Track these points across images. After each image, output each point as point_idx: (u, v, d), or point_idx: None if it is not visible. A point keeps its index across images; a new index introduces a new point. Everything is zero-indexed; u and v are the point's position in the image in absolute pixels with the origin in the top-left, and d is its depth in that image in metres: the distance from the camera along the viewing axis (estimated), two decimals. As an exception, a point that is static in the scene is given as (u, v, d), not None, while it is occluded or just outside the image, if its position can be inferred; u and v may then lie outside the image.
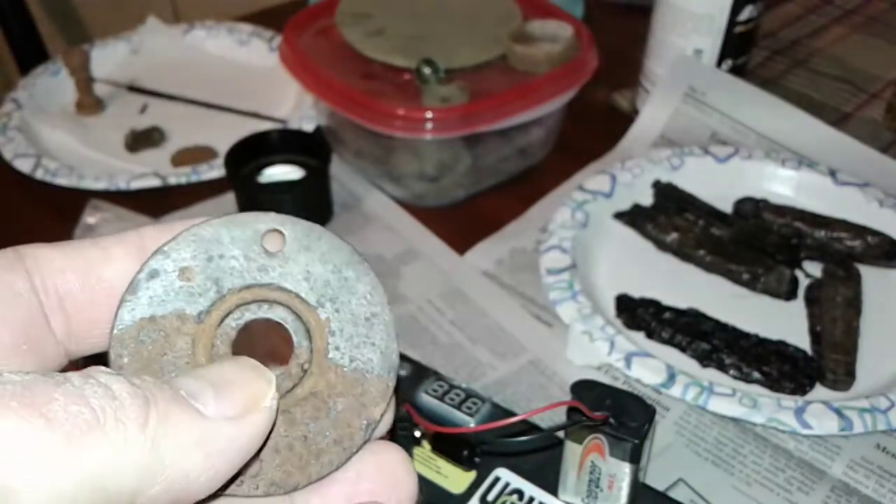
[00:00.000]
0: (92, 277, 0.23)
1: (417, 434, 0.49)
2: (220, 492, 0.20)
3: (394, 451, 0.24)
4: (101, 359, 0.22)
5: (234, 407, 0.20)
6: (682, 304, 0.62)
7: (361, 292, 0.24)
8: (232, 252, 0.23)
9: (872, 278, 0.66)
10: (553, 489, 0.48)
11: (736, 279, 0.65)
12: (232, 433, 0.19)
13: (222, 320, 0.23)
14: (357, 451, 0.23)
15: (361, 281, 0.24)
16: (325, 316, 0.24)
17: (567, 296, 0.62)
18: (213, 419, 0.19)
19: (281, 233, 0.24)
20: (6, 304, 0.21)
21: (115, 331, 0.22)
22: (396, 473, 0.24)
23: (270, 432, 0.21)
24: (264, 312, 0.23)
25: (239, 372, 0.21)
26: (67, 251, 0.23)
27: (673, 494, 0.51)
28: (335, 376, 0.24)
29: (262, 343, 0.24)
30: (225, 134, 0.75)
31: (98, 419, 0.17)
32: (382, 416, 0.24)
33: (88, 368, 0.19)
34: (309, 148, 0.72)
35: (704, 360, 0.59)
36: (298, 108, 0.82)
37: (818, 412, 0.54)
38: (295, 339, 0.24)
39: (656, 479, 0.52)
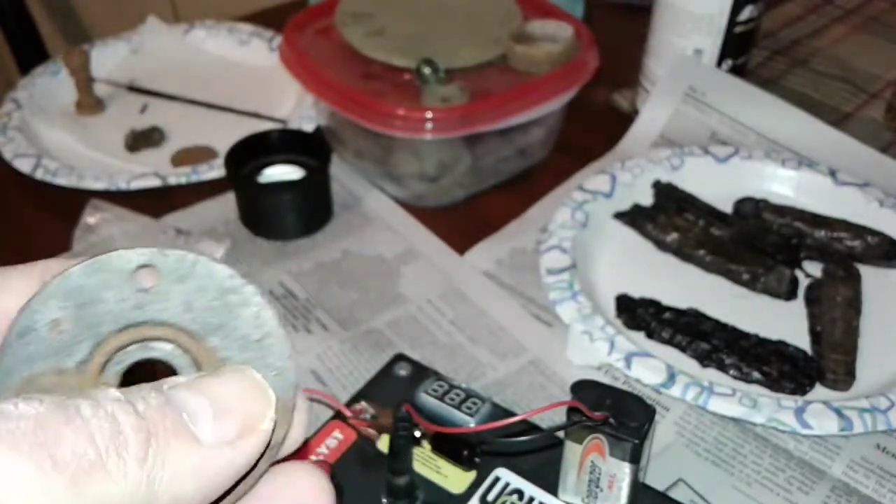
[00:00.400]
0: None
1: (417, 434, 0.49)
2: None
3: (304, 472, 0.23)
4: None
5: (232, 430, 0.20)
6: (682, 304, 0.63)
7: (248, 314, 0.23)
8: (103, 295, 0.22)
9: (872, 278, 0.66)
10: (553, 489, 0.48)
11: (736, 279, 0.65)
12: (227, 459, 0.19)
13: (103, 367, 0.22)
14: (262, 475, 0.22)
15: (247, 303, 0.23)
16: (214, 344, 0.22)
17: (567, 296, 0.62)
18: (209, 446, 0.19)
19: (153, 266, 0.22)
20: None
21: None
22: (306, 494, 0.23)
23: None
24: (145, 352, 0.22)
25: (241, 388, 0.21)
26: None
27: (673, 494, 0.51)
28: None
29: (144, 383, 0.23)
30: (225, 134, 0.75)
31: (101, 459, 0.17)
32: (285, 436, 0.23)
33: (98, 391, 0.19)
34: (309, 148, 0.72)
35: (704, 360, 0.59)
36: (298, 108, 0.82)
37: (818, 412, 0.54)
38: (183, 374, 0.22)
39: (656, 479, 0.52)
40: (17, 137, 0.77)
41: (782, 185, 0.73)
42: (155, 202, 0.72)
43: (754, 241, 0.67)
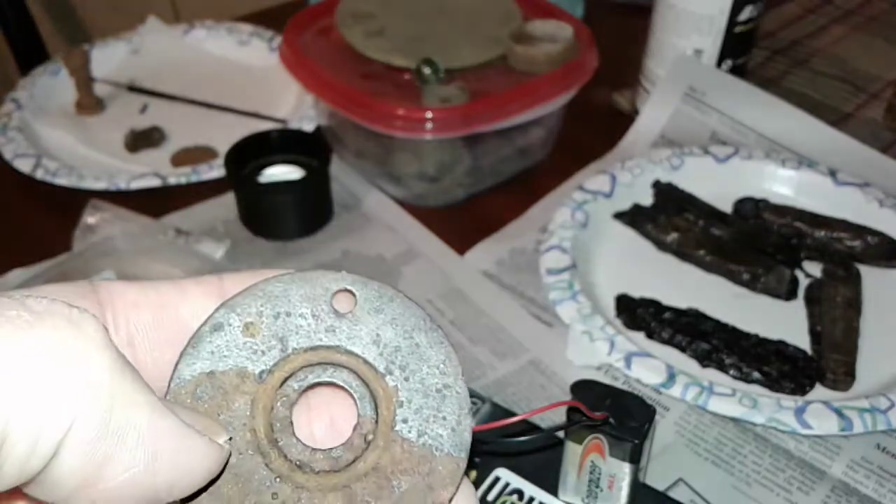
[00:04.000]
0: (166, 315, 0.22)
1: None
2: None
3: None
4: None
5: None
6: (682, 304, 0.62)
7: (434, 361, 0.22)
8: (300, 310, 0.22)
9: (872, 278, 0.66)
10: (553, 489, 0.48)
11: (736, 279, 0.65)
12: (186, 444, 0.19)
13: (284, 381, 0.22)
14: None
15: (434, 348, 0.22)
16: (394, 384, 0.22)
17: (567, 296, 0.62)
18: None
19: (352, 293, 0.22)
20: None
21: (172, 383, 0.21)
22: None
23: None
24: (329, 376, 0.22)
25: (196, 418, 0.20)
26: (143, 287, 0.22)
27: (673, 494, 0.51)
28: (401, 451, 0.22)
29: (323, 406, 0.23)
30: (225, 134, 0.75)
31: None
32: (451, 500, 0.22)
33: None
34: (309, 148, 0.72)
35: (704, 360, 0.59)
36: (298, 108, 0.82)
37: (818, 412, 0.54)
38: (360, 407, 0.22)
39: (656, 479, 0.52)
40: (17, 137, 0.77)
41: (782, 185, 0.73)
42: (155, 202, 0.72)
43: (754, 241, 0.67)
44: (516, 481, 0.49)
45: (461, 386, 0.22)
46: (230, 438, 0.21)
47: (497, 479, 0.49)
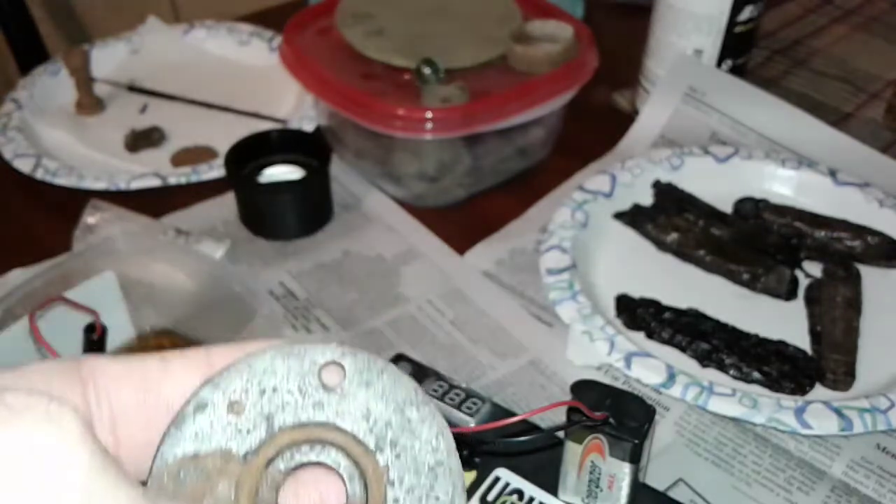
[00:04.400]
0: (150, 394, 0.21)
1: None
2: None
3: None
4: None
5: None
6: (682, 304, 0.62)
7: (426, 437, 0.21)
8: (287, 385, 0.21)
9: (872, 278, 0.66)
10: (553, 489, 0.48)
11: (736, 279, 0.65)
12: None
13: (270, 462, 0.21)
14: None
15: (426, 423, 0.21)
16: (385, 462, 0.21)
17: (567, 296, 0.62)
18: None
19: (340, 365, 0.22)
20: None
21: (154, 465, 0.20)
22: None
23: None
24: (317, 455, 0.21)
25: None
26: (127, 363, 0.21)
27: (673, 494, 0.51)
28: None
29: (310, 488, 0.22)
30: (225, 134, 0.75)
31: None
32: None
33: None
34: (309, 148, 0.72)
35: (704, 360, 0.59)
36: (298, 108, 0.82)
37: (818, 412, 0.54)
38: (349, 487, 0.21)
39: (656, 479, 0.52)
40: (17, 137, 0.77)
41: (782, 185, 0.73)
42: (155, 202, 0.72)
43: (754, 241, 0.67)
44: (516, 481, 0.49)
45: (454, 462, 0.22)
46: None
47: (497, 479, 0.49)
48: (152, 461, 0.20)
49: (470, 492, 0.48)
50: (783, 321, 0.63)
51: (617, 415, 0.44)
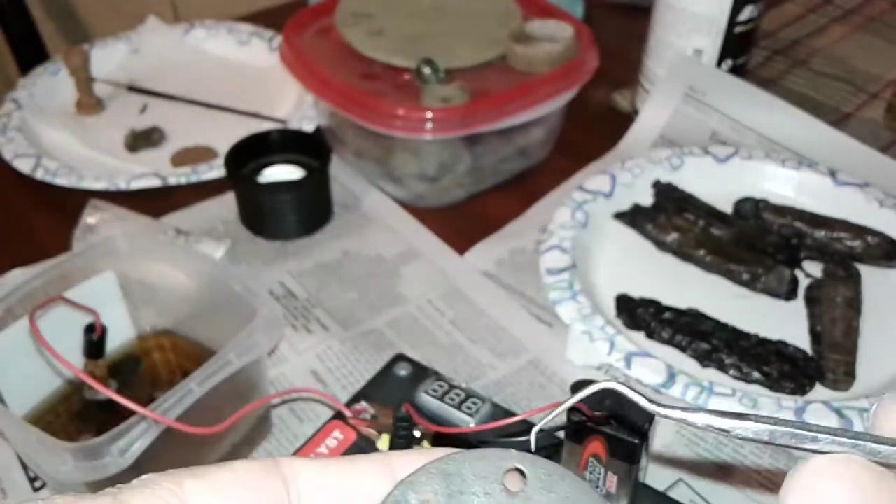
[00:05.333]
0: (347, 494, 0.23)
1: (417, 434, 0.49)
2: None
3: None
4: None
5: None
6: (682, 304, 0.62)
7: None
8: (473, 488, 0.22)
9: (872, 278, 0.66)
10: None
11: (736, 279, 0.65)
12: None
13: None
14: None
15: None
16: None
17: (567, 296, 0.62)
18: None
19: (522, 472, 0.23)
20: None
21: None
22: None
23: None
24: None
25: None
26: (322, 464, 0.23)
27: (673, 494, 0.51)
28: None
29: None
30: (225, 134, 0.75)
31: None
32: None
33: None
34: (309, 148, 0.72)
35: (704, 360, 0.59)
36: (298, 108, 0.82)
37: (818, 412, 0.54)
38: None
39: (656, 479, 0.52)
40: (17, 137, 0.77)
41: (782, 185, 0.73)
42: (155, 202, 0.72)
43: (754, 241, 0.67)
44: (516, 481, 0.49)
45: None
46: None
47: (497, 479, 0.49)
48: None
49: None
50: (783, 321, 0.63)
51: (617, 415, 0.44)
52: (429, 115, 0.67)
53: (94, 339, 0.53)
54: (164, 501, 0.20)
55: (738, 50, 0.80)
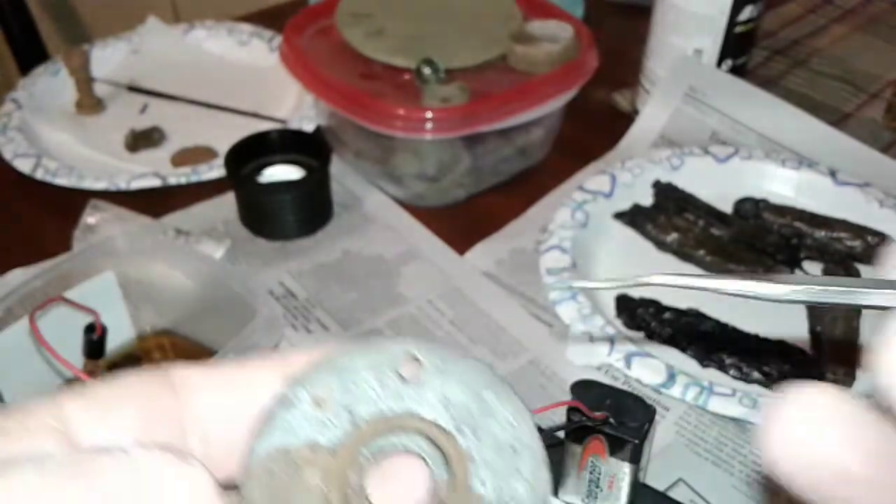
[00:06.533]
0: (235, 395, 0.22)
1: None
2: None
3: None
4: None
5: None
6: (682, 305, 0.62)
7: (504, 416, 0.22)
8: (367, 380, 0.22)
9: (872, 278, 0.66)
10: (553, 489, 0.48)
11: (736, 279, 0.65)
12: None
13: (356, 451, 0.22)
14: None
15: (503, 403, 0.22)
16: (466, 444, 0.22)
17: (567, 296, 0.62)
18: None
19: (417, 359, 0.22)
20: (153, 421, 0.21)
21: (247, 461, 0.21)
22: None
23: None
24: (400, 442, 0.22)
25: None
26: (212, 371, 0.22)
27: (673, 494, 0.51)
28: None
29: (397, 473, 0.23)
30: (225, 134, 0.75)
31: None
32: None
33: None
34: (309, 148, 0.72)
35: (704, 360, 0.59)
36: (298, 108, 0.82)
37: (818, 412, 0.54)
38: (434, 470, 0.22)
39: (656, 479, 0.52)
40: (17, 137, 0.77)
41: (782, 185, 0.73)
42: (155, 202, 0.72)
43: (754, 241, 0.67)
44: (516, 481, 0.49)
45: (535, 440, 0.22)
46: None
47: (497, 479, 0.49)
48: (246, 457, 0.21)
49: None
50: (783, 321, 0.63)
51: (617, 415, 0.44)
52: (429, 115, 0.67)
53: (94, 339, 0.53)
54: (44, 424, 0.19)
55: (738, 50, 0.80)
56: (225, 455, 0.22)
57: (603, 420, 0.44)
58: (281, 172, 0.72)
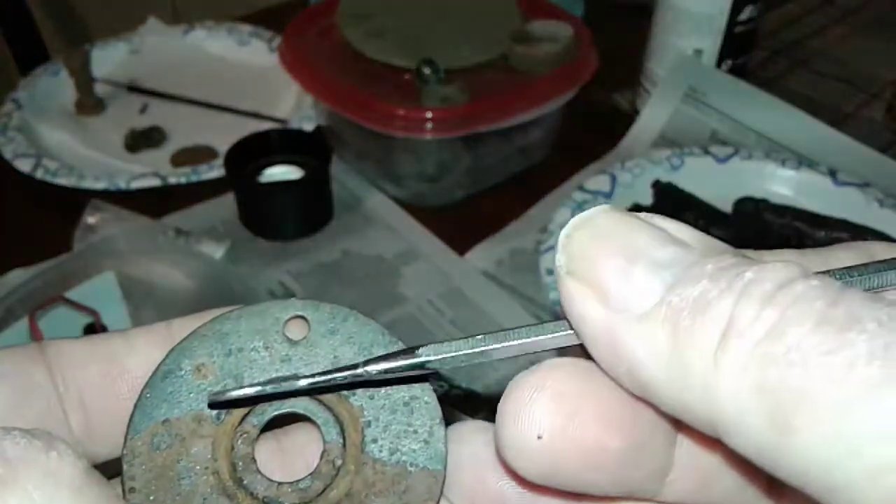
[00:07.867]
0: (114, 370, 0.21)
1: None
2: None
3: None
4: (119, 464, 0.21)
5: None
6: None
7: None
8: (252, 344, 0.21)
9: (872, 278, 0.66)
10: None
11: (736, 279, 0.65)
12: None
13: (244, 419, 0.21)
14: None
15: None
16: (359, 404, 0.21)
17: (567, 296, 0.62)
18: None
19: (304, 318, 0.22)
20: (23, 395, 0.20)
21: (127, 436, 0.21)
22: None
23: None
24: (288, 406, 0.21)
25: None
26: (90, 342, 0.22)
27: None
28: (373, 473, 0.21)
29: (287, 439, 0.22)
30: (225, 134, 0.75)
31: None
32: None
33: None
34: (309, 148, 0.72)
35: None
36: (298, 108, 0.82)
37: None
38: (324, 433, 0.21)
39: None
40: (17, 137, 0.77)
41: (782, 185, 0.73)
42: (155, 202, 0.72)
43: (754, 242, 0.67)
44: (516, 481, 0.49)
45: (429, 395, 0.22)
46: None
47: (497, 479, 0.49)
48: (126, 433, 0.21)
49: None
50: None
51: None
52: (429, 115, 0.67)
53: (94, 339, 0.53)
54: None
55: (738, 50, 0.80)
56: (107, 428, 0.21)
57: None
58: (281, 172, 0.72)
